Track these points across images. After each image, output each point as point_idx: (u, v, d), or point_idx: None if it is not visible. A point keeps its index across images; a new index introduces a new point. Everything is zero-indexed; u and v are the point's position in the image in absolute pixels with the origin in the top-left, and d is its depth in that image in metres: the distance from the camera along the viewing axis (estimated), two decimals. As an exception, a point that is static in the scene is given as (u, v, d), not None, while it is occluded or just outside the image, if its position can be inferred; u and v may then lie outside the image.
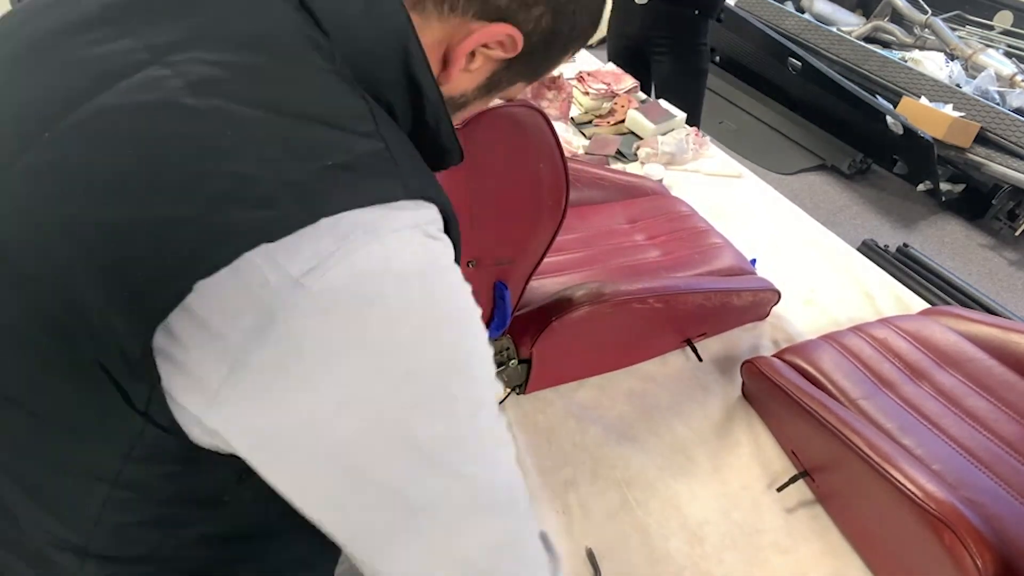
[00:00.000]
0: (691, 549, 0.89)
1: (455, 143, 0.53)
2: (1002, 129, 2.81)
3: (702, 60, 2.16)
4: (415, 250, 0.39)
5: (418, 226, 0.40)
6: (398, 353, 0.38)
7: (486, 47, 0.50)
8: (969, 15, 3.73)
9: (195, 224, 0.35)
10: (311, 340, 0.36)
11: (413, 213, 0.40)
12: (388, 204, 0.39)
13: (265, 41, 0.41)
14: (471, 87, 0.55)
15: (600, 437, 1.03)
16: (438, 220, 0.43)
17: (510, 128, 0.75)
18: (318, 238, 0.36)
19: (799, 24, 3.63)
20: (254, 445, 0.39)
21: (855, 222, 2.98)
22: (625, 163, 1.67)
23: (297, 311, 0.35)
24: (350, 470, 0.39)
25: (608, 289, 1.00)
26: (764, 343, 1.20)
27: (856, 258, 1.41)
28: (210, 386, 0.36)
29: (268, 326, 0.35)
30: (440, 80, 0.51)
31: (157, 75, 0.39)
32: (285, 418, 0.37)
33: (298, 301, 0.35)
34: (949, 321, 1.06)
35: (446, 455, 0.41)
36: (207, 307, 0.35)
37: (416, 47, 0.45)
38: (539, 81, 1.71)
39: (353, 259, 0.36)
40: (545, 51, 0.54)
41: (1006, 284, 2.72)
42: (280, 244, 0.35)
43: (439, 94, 0.48)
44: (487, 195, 0.78)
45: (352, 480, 0.39)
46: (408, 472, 0.40)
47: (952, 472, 0.82)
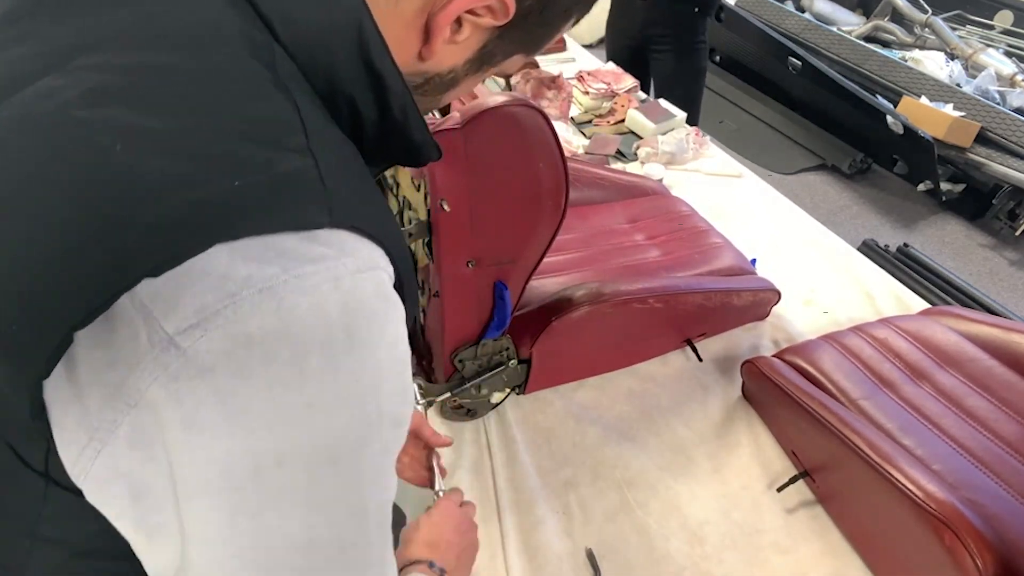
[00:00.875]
0: (691, 549, 0.89)
1: (427, 136, 0.47)
2: (1002, 129, 2.81)
3: (701, 58, 2.17)
4: (324, 313, 0.32)
5: (342, 275, 0.33)
6: (273, 437, 0.33)
7: (473, 13, 0.43)
8: (969, 15, 3.72)
9: (73, 261, 0.30)
10: (173, 411, 0.31)
11: (336, 255, 0.33)
12: (303, 233, 0.33)
13: (185, 39, 0.36)
14: (460, 61, 0.47)
15: (600, 437, 1.02)
16: (378, 267, 0.36)
17: (510, 128, 0.75)
18: (203, 290, 0.30)
19: (799, 24, 3.63)
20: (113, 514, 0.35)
21: (855, 222, 2.98)
22: (625, 163, 1.66)
23: (165, 375, 0.31)
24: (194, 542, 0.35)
25: (608, 289, 1.00)
26: (764, 343, 1.20)
27: (856, 258, 1.41)
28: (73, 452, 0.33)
29: (131, 386, 0.31)
30: (422, 55, 0.45)
31: (53, 85, 0.34)
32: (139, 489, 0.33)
33: (169, 362, 0.30)
34: (949, 321, 1.06)
35: (292, 555, 0.36)
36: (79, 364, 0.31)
37: (371, 28, 0.39)
38: (539, 81, 1.72)
39: (242, 318, 0.31)
40: (542, 15, 0.46)
41: (1006, 284, 2.72)
42: (159, 289, 0.30)
43: (403, 83, 0.42)
44: (487, 195, 0.78)
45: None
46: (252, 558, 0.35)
47: (952, 472, 0.82)
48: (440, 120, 0.74)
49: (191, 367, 0.31)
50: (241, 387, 0.31)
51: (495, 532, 0.90)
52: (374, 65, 0.40)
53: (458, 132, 0.73)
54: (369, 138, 0.44)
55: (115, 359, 0.31)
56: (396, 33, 0.42)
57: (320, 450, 0.34)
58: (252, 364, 0.31)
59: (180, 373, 0.31)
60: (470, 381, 0.98)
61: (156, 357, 0.30)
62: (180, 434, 0.32)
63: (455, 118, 0.73)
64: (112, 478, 0.33)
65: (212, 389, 0.31)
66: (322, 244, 0.33)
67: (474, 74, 0.50)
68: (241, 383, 0.31)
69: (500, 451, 1.00)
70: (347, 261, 0.34)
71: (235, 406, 0.32)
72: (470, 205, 0.78)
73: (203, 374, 0.31)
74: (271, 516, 0.34)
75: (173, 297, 0.30)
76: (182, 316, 0.30)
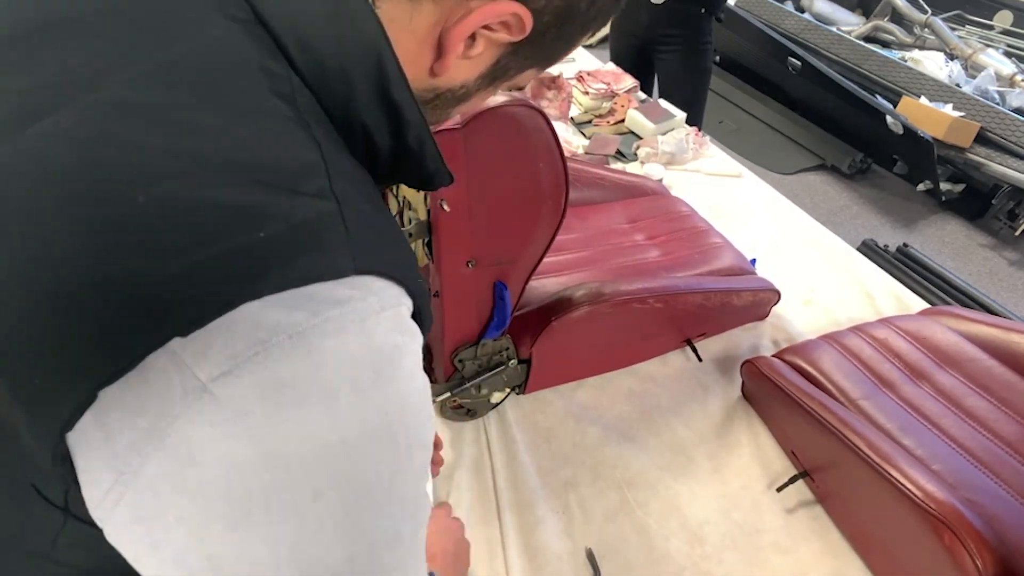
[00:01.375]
0: (691, 549, 0.89)
1: (441, 165, 0.46)
2: (1002, 129, 2.81)
3: (707, 58, 2.17)
4: (351, 354, 0.33)
5: (367, 315, 0.34)
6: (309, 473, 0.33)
7: (488, 29, 0.42)
8: (969, 15, 3.73)
9: (99, 318, 0.30)
10: (210, 452, 0.31)
11: (362, 295, 0.34)
12: (328, 283, 0.33)
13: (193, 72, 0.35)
14: (472, 76, 0.47)
15: (600, 437, 1.02)
16: (400, 304, 0.36)
17: (510, 128, 0.75)
18: (234, 337, 0.31)
19: (799, 24, 3.63)
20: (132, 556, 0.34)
21: (855, 222, 2.98)
22: (625, 163, 1.67)
23: (200, 419, 0.31)
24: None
25: (608, 289, 1.00)
26: (764, 343, 1.20)
27: (856, 258, 1.41)
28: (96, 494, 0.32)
29: (163, 433, 0.31)
30: (434, 70, 0.44)
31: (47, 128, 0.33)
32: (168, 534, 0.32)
33: (203, 408, 0.31)
34: (949, 321, 1.06)
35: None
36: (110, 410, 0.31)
37: (391, 60, 0.39)
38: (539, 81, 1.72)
39: (273, 364, 0.31)
40: (559, 32, 0.45)
41: (1006, 284, 2.72)
42: (190, 340, 0.30)
43: (420, 114, 0.42)
44: (487, 195, 0.78)
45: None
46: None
47: (952, 472, 0.82)
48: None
49: (226, 411, 0.31)
50: (276, 429, 0.32)
51: (495, 532, 0.90)
52: (392, 97, 0.40)
53: (458, 132, 0.73)
54: (382, 164, 0.43)
55: (146, 407, 0.31)
56: (409, 48, 0.42)
57: (355, 482, 0.34)
58: (284, 406, 0.32)
59: (215, 419, 0.31)
60: (470, 381, 0.98)
61: (190, 404, 0.31)
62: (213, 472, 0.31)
63: (455, 118, 0.73)
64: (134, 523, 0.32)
65: (247, 432, 0.31)
66: (348, 287, 0.34)
67: (486, 88, 0.49)
68: (275, 426, 0.32)
69: (500, 451, 1.00)
70: (372, 301, 0.34)
71: (271, 447, 0.32)
72: (470, 205, 0.78)
73: (235, 419, 0.31)
74: (311, 548, 0.34)
75: (204, 345, 0.31)
76: (214, 363, 0.31)
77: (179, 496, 0.32)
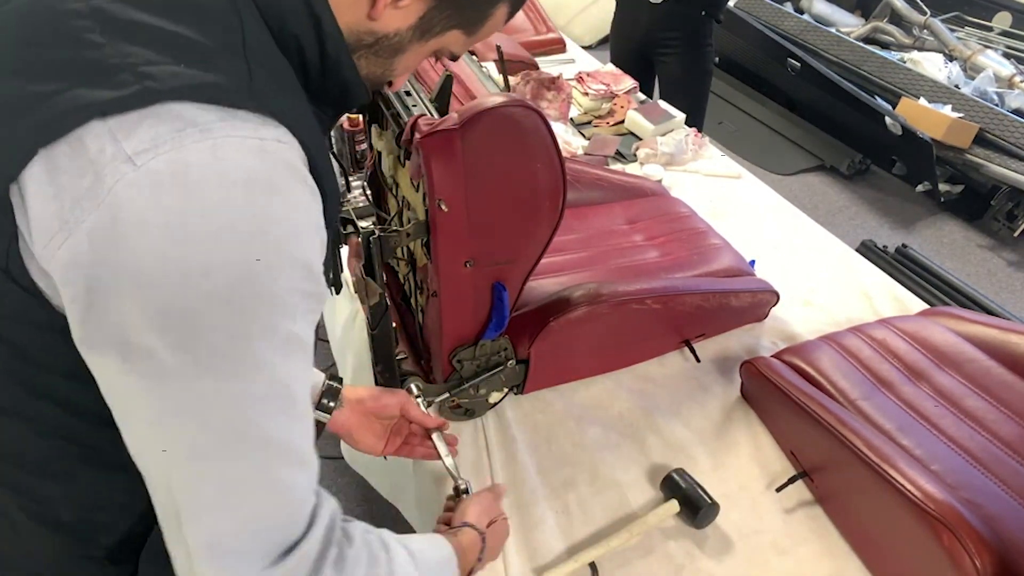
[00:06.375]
0: (690, 549, 0.89)
1: (357, 77, 0.56)
2: (1001, 130, 2.81)
3: (707, 61, 2.17)
4: (247, 160, 0.42)
5: (262, 139, 0.43)
6: (202, 247, 0.41)
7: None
8: (968, 16, 3.73)
9: (49, 99, 0.42)
10: (127, 211, 0.40)
11: (256, 126, 0.44)
12: (230, 109, 0.43)
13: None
14: (404, 26, 0.55)
15: (600, 437, 1.02)
16: (293, 148, 0.46)
17: (507, 128, 0.75)
18: (156, 125, 0.41)
19: (798, 25, 3.63)
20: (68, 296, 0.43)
21: (854, 223, 2.98)
22: (624, 164, 1.67)
23: (124, 181, 0.40)
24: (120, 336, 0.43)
25: (606, 290, 1.00)
26: (763, 344, 1.20)
27: (855, 259, 1.41)
28: (44, 238, 0.42)
29: (98, 189, 0.40)
30: (370, 15, 0.53)
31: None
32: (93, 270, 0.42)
33: (126, 172, 0.40)
34: (948, 322, 1.06)
35: (216, 360, 0.43)
36: (54, 169, 0.41)
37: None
38: (538, 82, 1.72)
39: (185, 150, 0.41)
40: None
41: (1005, 284, 2.72)
42: (119, 121, 0.41)
43: (336, 27, 0.51)
44: (484, 195, 0.78)
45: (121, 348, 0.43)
46: (176, 356, 0.43)
47: (951, 473, 0.82)
48: (438, 120, 0.74)
49: (144, 180, 0.40)
50: (180, 203, 0.41)
51: (494, 533, 0.90)
52: (314, 9, 0.50)
53: (455, 132, 0.73)
54: (312, 78, 0.53)
55: (86, 168, 0.41)
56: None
57: (238, 266, 0.42)
58: (188, 185, 0.41)
59: (135, 183, 0.40)
60: (468, 381, 0.98)
61: (118, 169, 0.40)
62: (129, 230, 0.40)
63: (453, 119, 0.74)
64: (73, 265, 0.42)
65: (157, 200, 0.41)
66: (249, 117, 0.44)
67: (418, 42, 0.57)
68: (181, 199, 0.41)
69: (499, 451, 1.00)
70: (270, 130, 0.45)
71: (174, 220, 0.41)
72: (468, 205, 0.78)
73: (152, 187, 0.41)
74: (194, 315, 0.42)
75: (134, 126, 0.41)
76: (139, 141, 0.41)
77: (106, 245, 0.41)
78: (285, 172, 0.44)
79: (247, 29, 0.47)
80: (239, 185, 0.42)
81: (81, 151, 0.41)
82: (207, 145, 0.41)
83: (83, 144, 0.41)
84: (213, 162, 0.41)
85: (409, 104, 0.84)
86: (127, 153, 0.40)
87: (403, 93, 0.86)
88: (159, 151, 0.40)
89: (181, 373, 0.43)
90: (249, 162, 0.43)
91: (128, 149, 0.40)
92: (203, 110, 0.42)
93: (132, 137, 0.40)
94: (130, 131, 0.41)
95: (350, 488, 1.78)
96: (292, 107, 0.48)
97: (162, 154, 0.40)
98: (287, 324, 0.45)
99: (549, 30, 2.28)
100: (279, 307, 0.45)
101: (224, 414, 0.44)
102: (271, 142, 0.44)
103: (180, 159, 0.41)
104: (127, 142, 0.40)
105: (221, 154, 0.42)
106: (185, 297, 0.41)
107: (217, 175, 0.41)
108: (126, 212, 0.40)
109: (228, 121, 0.42)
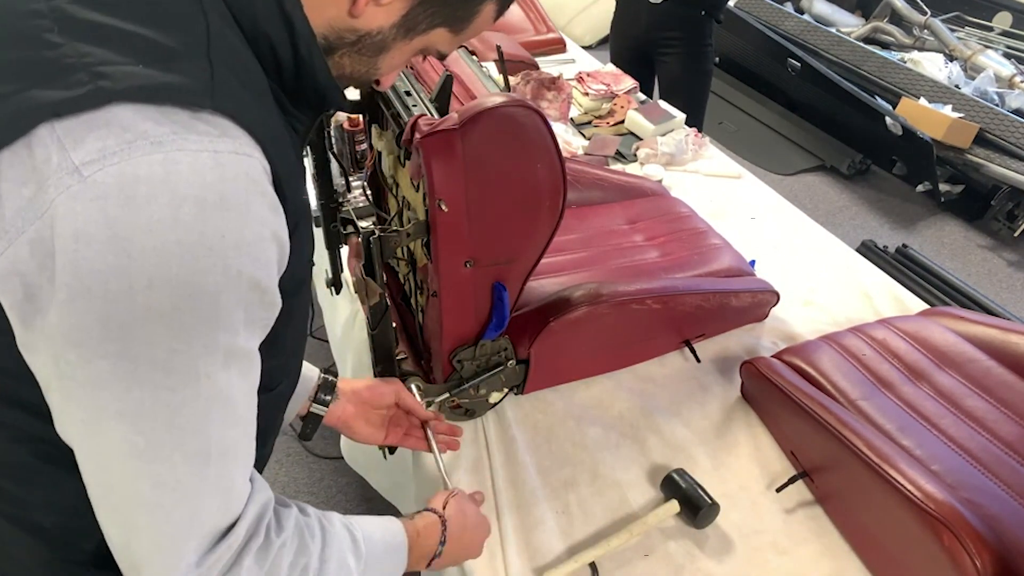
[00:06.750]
0: (690, 549, 0.89)
1: (331, 80, 0.54)
2: (1001, 130, 2.81)
3: (707, 61, 2.17)
4: (199, 175, 0.41)
5: (217, 152, 0.42)
6: (146, 263, 0.40)
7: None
8: (968, 16, 3.73)
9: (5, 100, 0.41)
10: (70, 223, 0.39)
11: (213, 138, 0.42)
12: (186, 118, 0.42)
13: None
14: (387, 24, 0.54)
15: (600, 437, 1.02)
16: (253, 156, 0.45)
17: (507, 128, 0.75)
18: (105, 136, 0.40)
19: (798, 25, 3.63)
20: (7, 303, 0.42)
21: (854, 223, 2.98)
22: (624, 164, 1.67)
23: (68, 193, 0.39)
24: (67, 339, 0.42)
25: (606, 290, 1.00)
26: (763, 344, 1.20)
27: (855, 259, 1.41)
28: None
29: (41, 199, 0.40)
30: (352, 12, 0.52)
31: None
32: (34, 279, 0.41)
33: (71, 185, 0.39)
34: (948, 322, 1.06)
35: (155, 373, 0.43)
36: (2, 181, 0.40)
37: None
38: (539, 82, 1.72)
39: (134, 163, 0.40)
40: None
41: (1005, 284, 2.72)
42: (68, 127, 0.40)
43: (309, 27, 0.50)
44: (484, 195, 0.78)
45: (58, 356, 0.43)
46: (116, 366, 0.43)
47: (951, 473, 0.82)
48: (438, 120, 0.74)
49: (89, 192, 0.39)
50: (126, 217, 0.40)
51: (495, 532, 0.89)
52: (286, 9, 0.49)
53: (455, 132, 0.73)
54: (287, 80, 0.52)
55: (29, 177, 0.40)
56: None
57: (185, 283, 0.42)
58: (137, 199, 0.40)
59: (79, 195, 0.39)
60: (468, 381, 0.98)
61: (63, 180, 0.39)
62: (70, 243, 0.40)
63: (453, 119, 0.73)
64: (11, 274, 0.41)
65: (103, 213, 0.40)
66: (206, 124, 0.43)
67: (403, 40, 0.56)
68: (127, 214, 0.40)
69: (499, 451, 1.00)
70: (227, 141, 0.43)
71: (120, 232, 0.40)
72: (468, 205, 0.78)
73: (98, 199, 0.39)
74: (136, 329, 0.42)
75: (83, 134, 0.40)
76: (87, 151, 0.40)
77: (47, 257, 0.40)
78: (240, 186, 0.43)
79: (212, 30, 0.46)
80: (188, 201, 0.41)
81: (26, 158, 0.40)
82: (157, 159, 0.40)
83: (30, 151, 0.40)
84: (163, 176, 0.40)
85: (409, 104, 0.84)
86: (74, 163, 0.39)
87: (403, 93, 0.86)
88: (107, 162, 0.39)
89: (118, 382, 0.43)
90: (201, 177, 0.41)
91: (75, 159, 0.39)
92: (156, 120, 0.41)
93: (80, 147, 0.39)
94: (78, 140, 0.40)
95: (350, 488, 1.79)
96: (258, 112, 0.47)
97: (110, 166, 0.39)
98: (228, 339, 0.45)
99: (549, 30, 2.28)
100: (222, 323, 0.45)
101: (160, 423, 0.45)
102: (227, 155, 0.43)
103: (129, 172, 0.40)
104: (75, 152, 0.39)
105: (172, 168, 0.40)
106: (126, 311, 0.41)
107: (167, 190, 0.40)
108: (68, 224, 0.39)
109: (181, 135, 0.41)
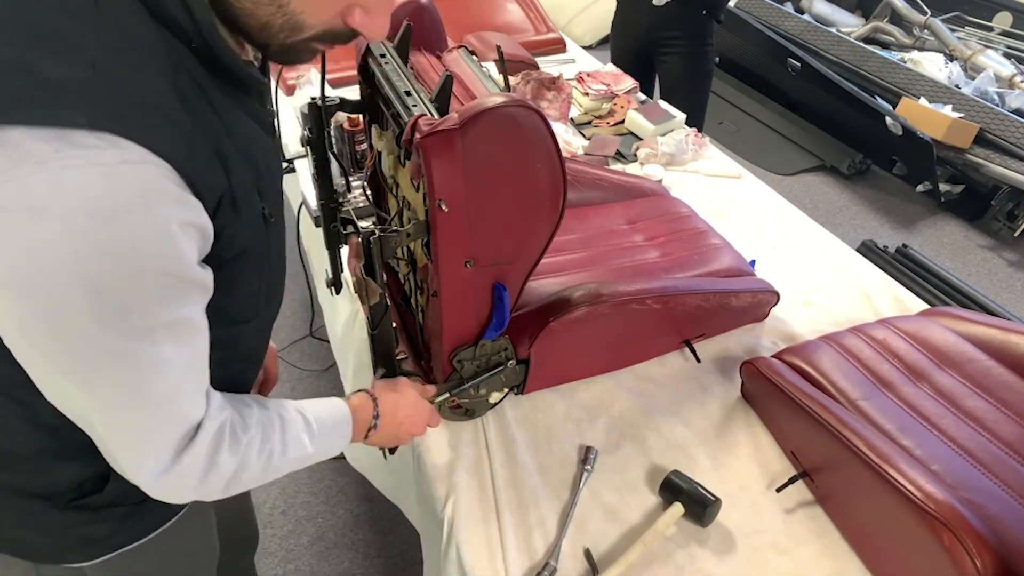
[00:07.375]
0: (691, 549, 0.89)
1: (238, 63, 0.55)
2: (1001, 130, 2.81)
3: (708, 61, 2.17)
4: (87, 188, 0.43)
5: (103, 164, 0.44)
6: (51, 272, 0.44)
7: None
8: (968, 16, 3.73)
9: None
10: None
11: (98, 151, 0.44)
12: (72, 129, 0.43)
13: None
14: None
15: (600, 437, 1.02)
16: (146, 162, 0.46)
17: (508, 128, 0.75)
18: (1, 156, 0.42)
19: (798, 25, 3.63)
20: None
21: (854, 223, 2.98)
22: (625, 164, 1.67)
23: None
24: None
25: (606, 290, 1.00)
26: (763, 344, 1.20)
27: (855, 259, 1.41)
28: None
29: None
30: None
31: None
32: None
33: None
34: (948, 322, 1.06)
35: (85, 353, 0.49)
36: None
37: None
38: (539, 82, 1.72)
39: (24, 182, 0.42)
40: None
41: (1005, 285, 2.72)
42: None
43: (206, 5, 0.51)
44: (484, 195, 0.78)
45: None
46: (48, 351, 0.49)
47: (951, 473, 0.82)
48: (438, 120, 0.74)
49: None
50: (27, 230, 0.43)
51: (494, 532, 0.90)
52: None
53: (455, 132, 0.73)
54: (201, 55, 0.53)
55: None
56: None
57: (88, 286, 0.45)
58: (33, 214, 0.43)
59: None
60: (469, 381, 0.98)
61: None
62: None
63: (453, 119, 0.73)
64: None
65: (7, 225, 0.43)
66: (93, 137, 0.44)
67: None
68: (27, 227, 0.43)
69: (499, 451, 1.00)
70: (113, 153, 0.44)
71: (24, 243, 0.43)
72: (468, 205, 0.78)
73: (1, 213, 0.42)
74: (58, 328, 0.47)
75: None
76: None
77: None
78: (133, 194, 0.45)
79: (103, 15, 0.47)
80: (78, 214, 0.43)
81: None
82: (44, 178, 0.42)
83: None
84: (52, 194, 0.43)
85: (409, 104, 0.84)
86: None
87: (403, 93, 0.86)
88: (1, 180, 0.42)
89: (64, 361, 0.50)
90: (90, 190, 0.43)
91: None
92: (43, 138, 0.43)
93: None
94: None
95: (351, 488, 1.79)
96: (153, 105, 0.48)
97: (4, 183, 0.42)
98: (144, 321, 0.50)
99: (549, 30, 2.28)
100: (136, 311, 0.49)
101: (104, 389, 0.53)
102: (114, 166, 0.44)
103: (22, 192, 0.42)
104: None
105: (60, 186, 0.43)
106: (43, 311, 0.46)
107: (58, 206, 0.43)
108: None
109: (64, 151, 0.43)
